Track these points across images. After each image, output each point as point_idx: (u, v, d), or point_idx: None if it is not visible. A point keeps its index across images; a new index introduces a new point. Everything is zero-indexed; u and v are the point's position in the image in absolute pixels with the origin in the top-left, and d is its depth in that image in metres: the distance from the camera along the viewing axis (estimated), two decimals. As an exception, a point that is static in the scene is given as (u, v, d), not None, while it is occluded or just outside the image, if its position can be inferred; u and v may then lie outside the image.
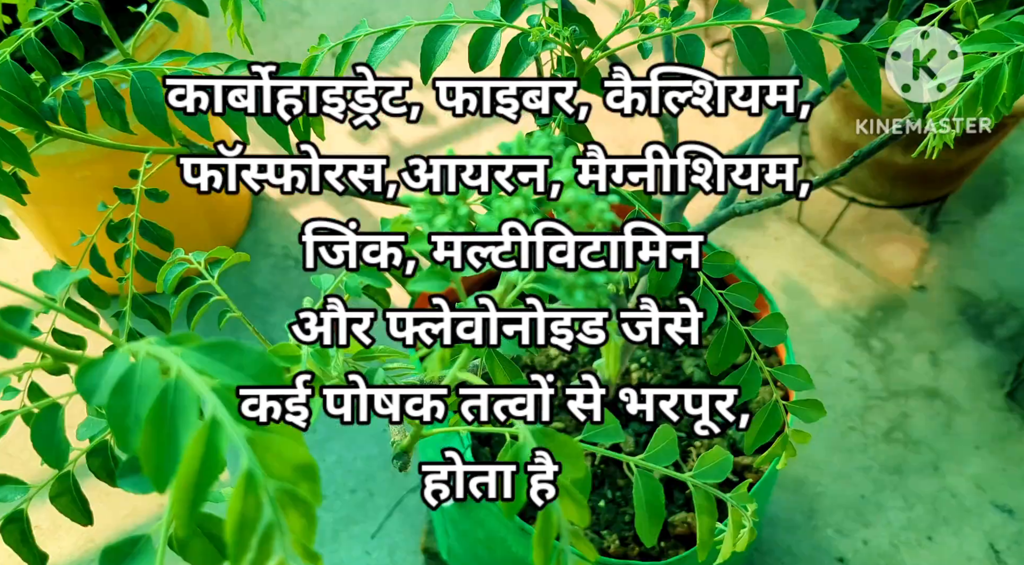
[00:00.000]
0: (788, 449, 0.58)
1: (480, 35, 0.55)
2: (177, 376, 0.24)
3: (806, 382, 0.56)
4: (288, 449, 0.23)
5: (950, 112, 0.49)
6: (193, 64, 0.59)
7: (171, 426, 0.23)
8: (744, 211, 0.74)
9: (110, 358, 0.26)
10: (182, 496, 0.22)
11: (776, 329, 0.57)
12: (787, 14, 0.52)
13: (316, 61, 0.57)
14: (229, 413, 0.23)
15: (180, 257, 0.54)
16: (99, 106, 0.58)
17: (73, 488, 0.49)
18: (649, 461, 0.45)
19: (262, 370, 0.25)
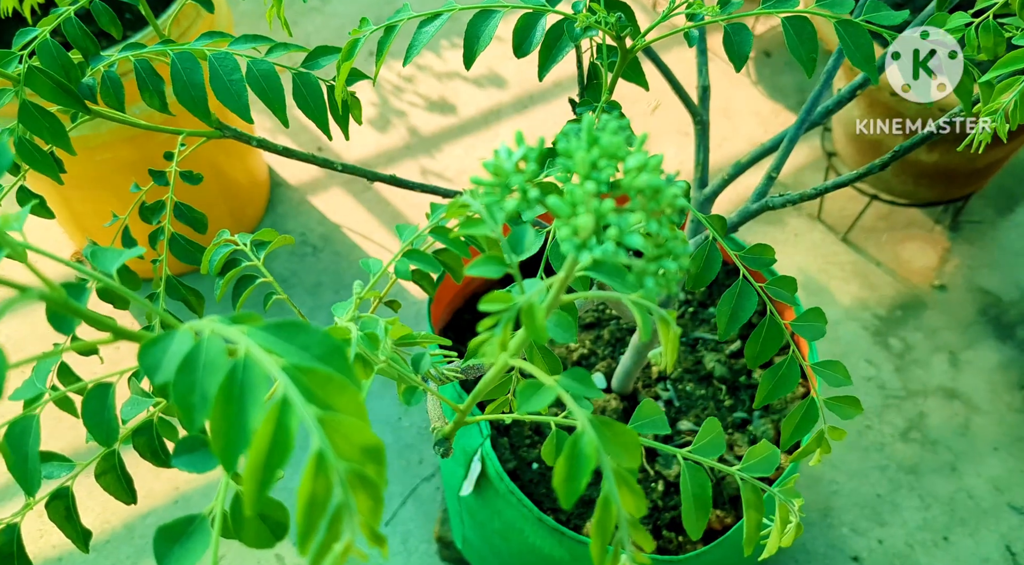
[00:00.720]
0: (824, 445, 0.58)
1: (525, 20, 0.55)
2: (246, 354, 0.24)
3: (844, 379, 0.56)
4: (356, 430, 0.23)
5: (1005, 106, 0.48)
6: (233, 46, 0.58)
7: (240, 405, 0.23)
8: (778, 204, 0.73)
9: (172, 335, 0.26)
10: (252, 476, 0.22)
11: (816, 324, 0.56)
12: (836, 3, 0.52)
13: (358, 45, 0.56)
14: (300, 393, 0.23)
15: (225, 238, 0.53)
16: (139, 87, 0.58)
17: (119, 466, 0.49)
18: (697, 453, 0.45)
19: (327, 351, 0.25)
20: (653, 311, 0.31)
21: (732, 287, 0.57)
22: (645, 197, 0.26)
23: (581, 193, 0.25)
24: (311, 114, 0.58)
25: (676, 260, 0.27)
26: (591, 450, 0.29)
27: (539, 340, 0.28)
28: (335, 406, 0.23)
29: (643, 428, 0.43)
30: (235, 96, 0.55)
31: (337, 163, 0.73)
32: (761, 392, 0.57)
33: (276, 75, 0.56)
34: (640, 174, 0.26)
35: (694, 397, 1.21)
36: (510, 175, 0.28)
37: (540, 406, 0.31)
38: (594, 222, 0.25)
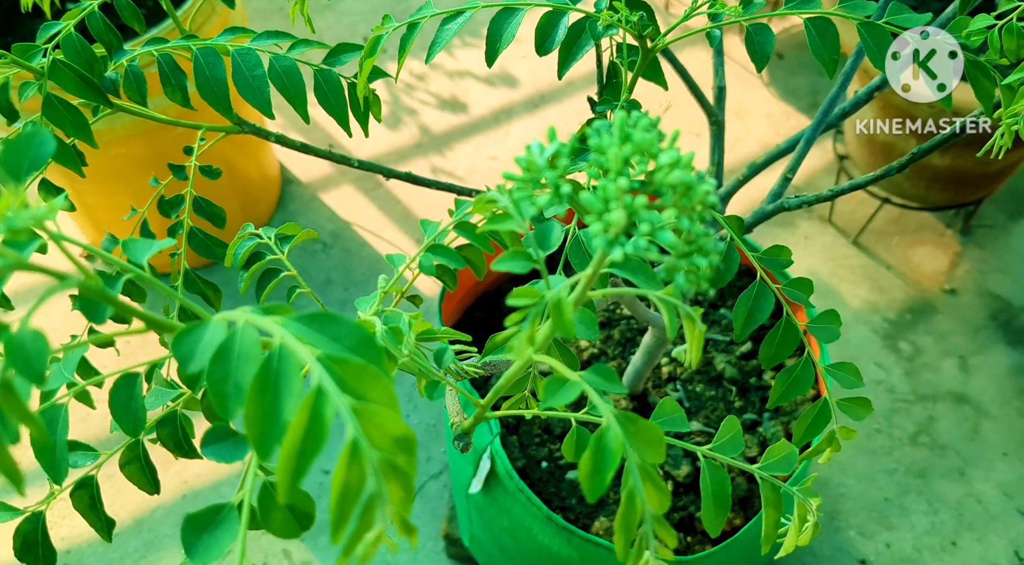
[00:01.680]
0: (834, 444, 0.58)
1: (547, 18, 0.55)
2: (281, 344, 0.24)
3: (857, 380, 0.56)
4: (389, 421, 0.23)
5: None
6: (256, 42, 0.59)
7: (275, 394, 0.23)
8: (793, 206, 0.73)
9: (205, 326, 0.26)
10: (287, 464, 0.22)
11: (830, 326, 0.57)
12: (858, 5, 0.52)
13: (380, 41, 0.56)
14: (334, 383, 0.23)
15: (250, 231, 0.54)
16: (161, 81, 0.58)
17: (143, 456, 0.49)
18: (717, 451, 0.45)
19: (359, 342, 0.25)
20: (680, 308, 0.31)
21: (749, 289, 0.57)
22: (677, 194, 0.26)
23: (614, 189, 0.26)
24: (332, 111, 0.59)
25: (706, 257, 0.27)
26: (616, 445, 0.29)
27: (568, 334, 0.29)
28: (368, 396, 0.23)
29: (663, 425, 0.43)
30: (257, 92, 0.55)
31: (354, 159, 0.73)
32: (775, 393, 0.57)
33: (298, 72, 0.57)
34: (673, 170, 0.26)
35: (704, 398, 1.21)
36: (543, 170, 0.28)
37: (565, 401, 0.31)
38: (626, 218, 0.25)
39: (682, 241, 0.27)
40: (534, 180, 0.28)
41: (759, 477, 0.47)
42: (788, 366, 0.57)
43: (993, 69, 0.52)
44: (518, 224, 0.31)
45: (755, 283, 0.57)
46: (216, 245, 0.66)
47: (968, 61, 0.52)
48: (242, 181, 1.79)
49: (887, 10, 0.52)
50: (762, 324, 1.28)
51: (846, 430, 0.58)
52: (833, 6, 0.53)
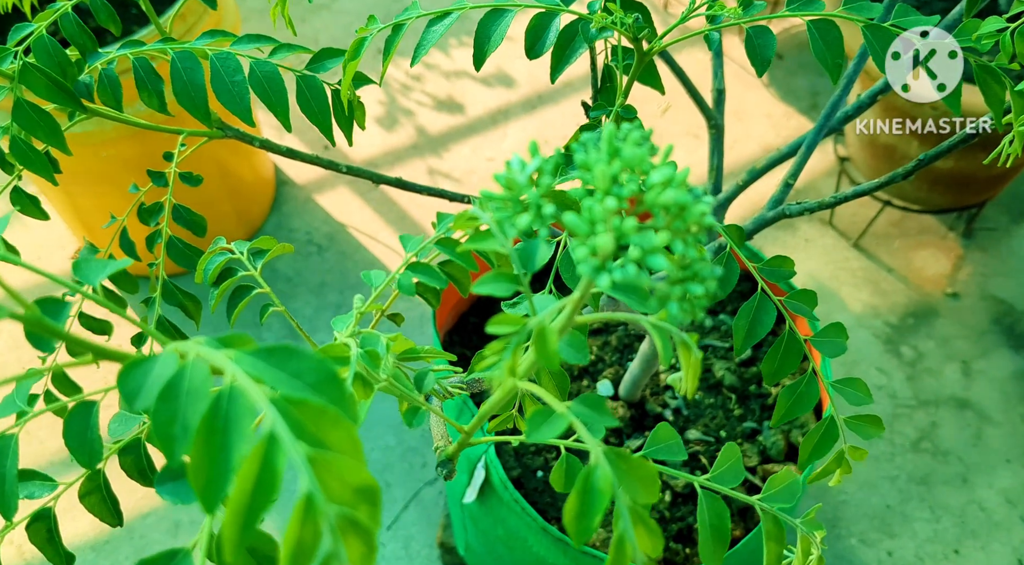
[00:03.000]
0: (844, 466, 0.56)
1: (538, 20, 0.53)
2: (232, 383, 0.22)
3: (865, 397, 0.54)
4: (350, 469, 0.21)
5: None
6: (236, 46, 0.56)
7: (224, 439, 0.21)
8: (795, 212, 0.71)
9: (156, 358, 0.24)
10: (234, 519, 0.20)
11: (836, 340, 0.54)
12: (864, 7, 0.50)
13: (364, 44, 0.54)
14: (289, 428, 0.21)
15: (221, 246, 0.51)
16: (137, 86, 0.56)
17: (104, 487, 0.47)
18: (715, 481, 0.42)
19: (321, 379, 0.23)
20: (674, 334, 0.29)
21: (750, 301, 0.54)
22: (670, 215, 0.24)
23: (601, 210, 0.23)
24: (314, 118, 0.56)
25: (703, 283, 0.25)
26: (605, 485, 0.26)
27: (551, 365, 0.26)
28: (328, 442, 0.21)
29: (658, 454, 0.40)
30: (237, 98, 0.53)
31: (342, 165, 0.71)
32: (779, 411, 0.55)
33: (280, 77, 0.54)
34: (666, 190, 0.24)
35: (703, 406, 1.19)
36: (523, 189, 0.26)
37: (550, 436, 0.29)
38: (614, 242, 0.23)
39: (676, 266, 0.25)
40: (514, 199, 0.26)
41: (760, 509, 0.44)
42: (791, 383, 0.55)
43: (1004, 74, 0.50)
44: (500, 244, 0.28)
45: (756, 295, 0.54)
46: (195, 255, 0.64)
47: (978, 65, 0.50)
48: (236, 183, 1.77)
49: (893, 12, 0.50)
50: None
51: (856, 450, 0.55)
52: (837, 8, 0.50)
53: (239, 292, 0.51)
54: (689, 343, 0.29)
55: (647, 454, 0.41)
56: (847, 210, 1.82)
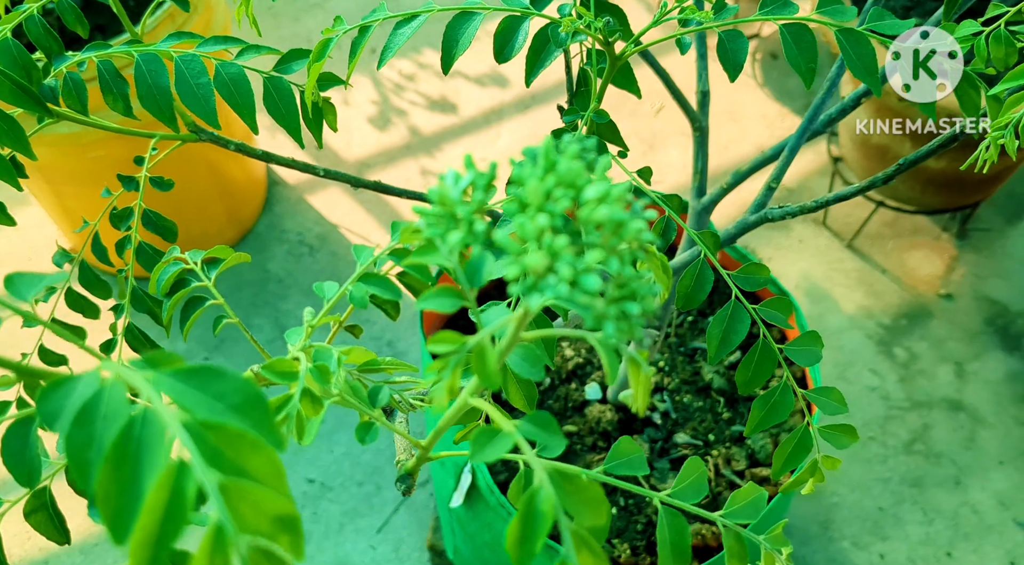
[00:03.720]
0: (817, 475, 0.55)
1: (507, 24, 0.52)
2: (146, 408, 0.21)
3: (840, 406, 0.53)
4: (267, 497, 0.20)
5: (1015, 122, 0.45)
6: (202, 47, 0.55)
7: (135, 466, 0.20)
8: (776, 217, 0.70)
9: (79, 379, 0.23)
10: (141, 553, 0.19)
11: (811, 348, 0.53)
12: (838, 11, 0.49)
13: (330, 45, 0.53)
14: (200, 454, 0.20)
15: (175, 256, 0.50)
16: (102, 89, 0.55)
17: (50, 504, 0.46)
18: (677, 497, 0.41)
19: (245, 401, 0.22)
20: (622, 351, 0.28)
21: (723, 309, 0.54)
22: (606, 232, 0.23)
23: (533, 228, 0.23)
24: (282, 121, 0.56)
25: (640, 302, 0.24)
26: (548, 507, 0.26)
27: (492, 386, 0.26)
28: (246, 468, 0.20)
29: (619, 469, 0.40)
30: (202, 101, 0.52)
31: (319, 168, 0.70)
32: (752, 420, 0.54)
33: (246, 79, 0.53)
34: (599, 206, 0.23)
35: (691, 409, 1.18)
36: (456, 204, 0.25)
37: (495, 456, 0.28)
38: (547, 261, 0.22)
39: (613, 285, 0.24)
40: (447, 215, 0.25)
41: (722, 525, 0.43)
42: (766, 392, 0.54)
43: (979, 78, 0.49)
44: (444, 258, 0.28)
45: (730, 303, 0.54)
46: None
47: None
48: (227, 184, 1.76)
49: (868, 16, 0.49)
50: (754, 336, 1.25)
51: (830, 459, 0.55)
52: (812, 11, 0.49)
53: (193, 303, 0.50)
54: (638, 360, 0.28)
55: (608, 469, 0.40)
56: (841, 211, 1.81)
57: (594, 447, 1.15)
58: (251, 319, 1.77)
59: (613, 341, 0.24)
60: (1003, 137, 0.46)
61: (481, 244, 0.25)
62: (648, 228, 0.23)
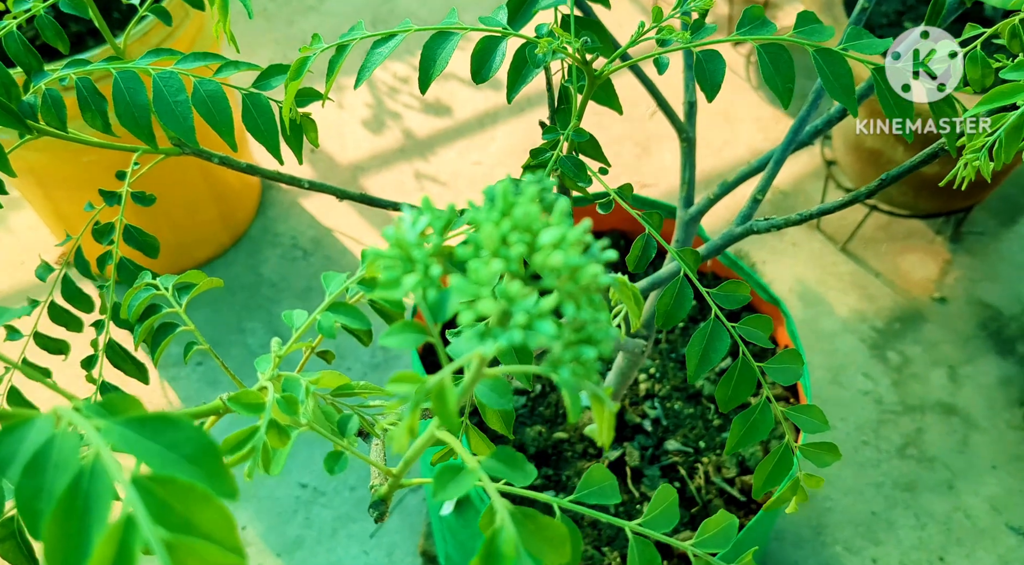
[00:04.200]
0: (799, 493, 0.55)
1: (484, 44, 0.52)
2: (95, 459, 0.21)
3: (822, 424, 0.53)
4: (215, 553, 0.20)
5: (989, 145, 0.45)
6: (182, 64, 0.55)
7: (82, 520, 0.20)
8: (762, 229, 0.70)
9: (32, 423, 0.23)
10: (89, 608, 0.19)
11: (791, 366, 0.53)
12: (815, 30, 0.48)
13: (306, 64, 0.53)
14: (146, 509, 0.20)
15: (147, 281, 0.50)
16: (80, 107, 0.55)
17: (17, 533, 0.46)
18: (648, 526, 0.41)
19: (198, 450, 0.22)
20: (586, 389, 0.28)
21: (703, 327, 0.54)
22: (561, 277, 0.23)
23: (486, 273, 0.22)
24: (261, 138, 0.55)
25: (596, 346, 0.24)
26: (509, 549, 0.25)
27: (451, 426, 0.25)
28: (195, 522, 0.20)
29: (589, 498, 0.39)
30: (180, 118, 0.52)
31: (304, 181, 0.70)
32: (732, 438, 0.54)
33: (224, 96, 0.53)
34: (554, 252, 0.23)
35: (682, 416, 1.18)
36: (412, 247, 0.25)
37: (457, 494, 0.28)
38: (500, 308, 0.22)
39: (569, 329, 0.24)
40: (403, 258, 0.25)
41: (692, 555, 0.43)
42: (746, 410, 0.54)
43: (956, 99, 0.49)
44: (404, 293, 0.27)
45: (709, 321, 0.53)
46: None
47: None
48: (220, 187, 1.76)
49: (845, 35, 0.49)
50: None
51: (813, 478, 0.55)
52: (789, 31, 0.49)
53: (164, 329, 0.50)
54: (602, 396, 0.28)
55: (578, 497, 0.40)
56: (834, 214, 1.81)
57: (584, 454, 1.15)
58: (244, 323, 1.76)
59: (571, 385, 0.24)
60: (978, 160, 0.46)
61: (436, 288, 0.25)
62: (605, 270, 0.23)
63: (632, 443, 1.14)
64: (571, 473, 1.14)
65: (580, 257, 0.23)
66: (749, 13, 0.49)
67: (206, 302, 1.78)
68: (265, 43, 2.18)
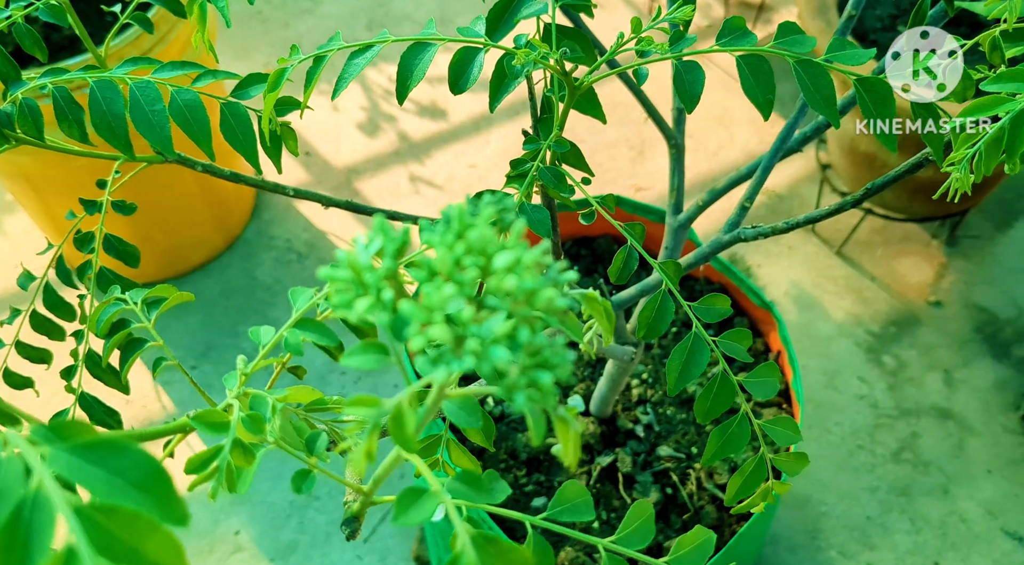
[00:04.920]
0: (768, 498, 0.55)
1: (462, 55, 0.51)
2: (37, 489, 0.20)
3: (795, 435, 0.52)
4: (161, 586, 0.19)
5: (969, 157, 0.44)
6: (159, 73, 0.55)
7: (23, 552, 0.20)
8: (749, 237, 0.70)
9: (-20, 450, 0.23)
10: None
11: (769, 380, 0.53)
12: (796, 41, 0.48)
13: (284, 75, 0.53)
14: (88, 540, 0.19)
15: (116, 296, 0.50)
16: (56, 116, 0.55)
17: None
18: (621, 543, 0.41)
19: (146, 476, 0.21)
20: (549, 411, 0.27)
21: (684, 341, 0.53)
22: (516, 301, 0.23)
23: (438, 298, 0.22)
24: (239, 148, 0.55)
25: (552, 371, 0.24)
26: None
27: (409, 450, 0.25)
28: (142, 552, 0.20)
29: (562, 515, 0.39)
30: (156, 128, 0.51)
31: (289, 188, 0.70)
32: (709, 450, 0.54)
33: (201, 106, 0.53)
34: (507, 276, 0.22)
35: (675, 422, 1.17)
36: (364, 271, 0.24)
37: (420, 519, 0.27)
38: (451, 333, 0.22)
39: (525, 353, 0.24)
40: (355, 282, 0.25)
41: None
42: (723, 423, 0.54)
43: (941, 109, 0.49)
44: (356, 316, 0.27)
45: (690, 335, 0.53)
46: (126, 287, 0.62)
47: (914, 102, 0.48)
48: (215, 191, 1.76)
49: (828, 46, 0.48)
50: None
51: (782, 485, 0.54)
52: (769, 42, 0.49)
53: (132, 345, 0.50)
54: (567, 418, 0.28)
55: (551, 515, 0.40)
56: (830, 218, 1.81)
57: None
58: (239, 326, 1.76)
59: (526, 410, 0.24)
60: (960, 173, 0.46)
61: (388, 313, 0.24)
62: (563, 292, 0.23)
63: (624, 449, 1.14)
64: (563, 479, 1.13)
65: (536, 280, 0.23)
66: (729, 24, 0.48)
67: (200, 306, 1.77)
68: (261, 46, 2.18)
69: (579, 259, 1.36)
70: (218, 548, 1.53)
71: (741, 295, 1.21)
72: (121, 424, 0.60)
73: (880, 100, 0.47)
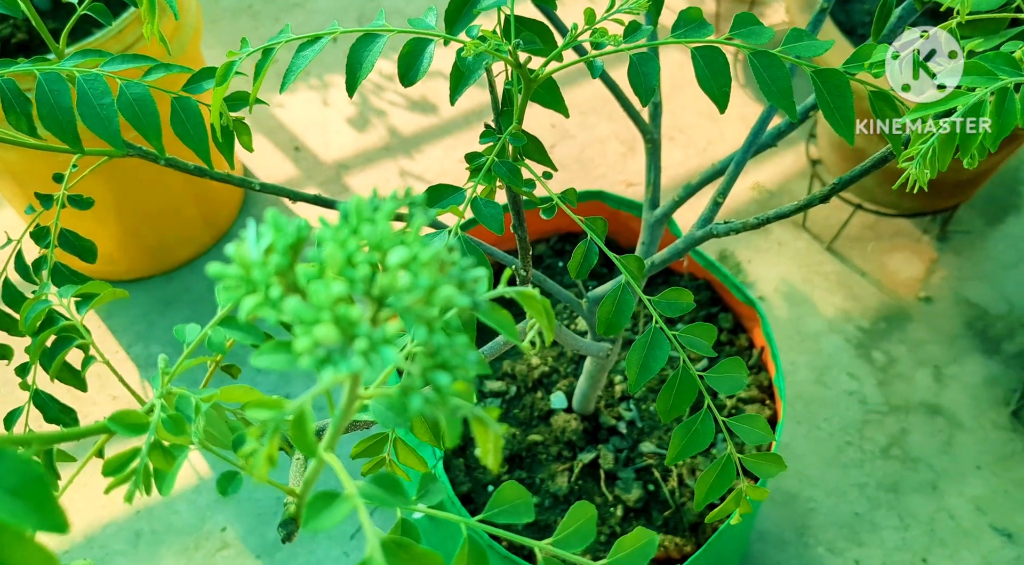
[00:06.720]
0: (743, 505, 0.54)
1: (411, 46, 0.50)
2: (-99, 497, 0.20)
3: (765, 434, 0.51)
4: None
5: (922, 153, 0.43)
6: (108, 67, 0.54)
7: None
8: (722, 233, 0.69)
9: None
10: None
11: (734, 375, 0.52)
12: (752, 32, 0.47)
13: (232, 68, 0.52)
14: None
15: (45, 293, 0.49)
16: (4, 109, 0.54)
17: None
18: (560, 546, 0.39)
19: (23, 482, 0.20)
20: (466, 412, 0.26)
21: (643, 336, 0.52)
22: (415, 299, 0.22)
23: (327, 296, 0.21)
24: (190, 142, 0.54)
25: (452, 372, 0.23)
26: (376, 580, 0.24)
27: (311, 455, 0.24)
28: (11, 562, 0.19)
29: (500, 517, 0.38)
30: (105, 122, 0.50)
31: (256, 182, 0.69)
32: (673, 449, 0.53)
33: (151, 100, 0.52)
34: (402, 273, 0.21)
35: (658, 418, 1.16)
36: (254, 267, 0.23)
37: (332, 523, 0.27)
38: (338, 333, 0.21)
39: (422, 354, 0.23)
40: (245, 279, 0.24)
41: (602, 576, 0.42)
42: (686, 420, 0.53)
43: (901, 101, 0.48)
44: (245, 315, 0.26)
45: (650, 329, 0.52)
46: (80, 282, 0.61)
47: (871, 93, 0.47)
48: (202, 187, 1.75)
49: (785, 37, 0.47)
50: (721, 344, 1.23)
51: (756, 490, 0.53)
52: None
53: (61, 342, 0.49)
54: (485, 419, 0.27)
55: (488, 517, 0.39)
56: (820, 213, 1.80)
57: (559, 457, 1.14)
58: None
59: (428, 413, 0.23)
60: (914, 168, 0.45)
61: (277, 312, 0.23)
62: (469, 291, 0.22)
63: (607, 445, 1.13)
64: (544, 476, 1.13)
65: (433, 278, 0.22)
66: (684, 15, 0.47)
67: (187, 303, 1.77)
68: (251, 41, 2.17)
69: (564, 254, 1.35)
70: (204, 545, 1.52)
71: (726, 291, 1.20)
72: (77, 422, 0.59)
73: (837, 91, 0.46)
